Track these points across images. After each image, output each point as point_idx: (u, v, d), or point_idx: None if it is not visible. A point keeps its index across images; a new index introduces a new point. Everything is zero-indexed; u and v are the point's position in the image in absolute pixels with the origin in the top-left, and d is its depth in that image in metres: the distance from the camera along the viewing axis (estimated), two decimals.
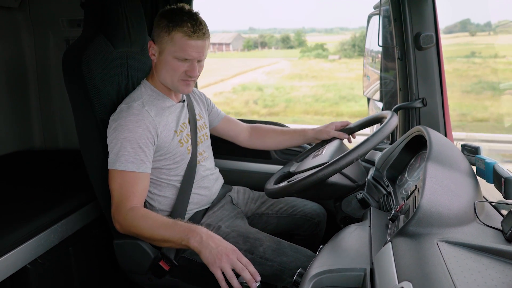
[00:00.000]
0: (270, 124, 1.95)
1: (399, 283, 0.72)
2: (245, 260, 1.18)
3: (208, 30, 1.41)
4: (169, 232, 1.26)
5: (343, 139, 1.68)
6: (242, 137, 1.82)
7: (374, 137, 1.27)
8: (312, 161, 1.46)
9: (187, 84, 1.43)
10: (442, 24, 1.61)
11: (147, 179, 1.39)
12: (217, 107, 1.79)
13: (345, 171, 1.33)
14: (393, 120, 1.35)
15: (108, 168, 1.36)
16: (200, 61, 1.42)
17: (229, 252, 1.18)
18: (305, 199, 1.75)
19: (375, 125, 1.79)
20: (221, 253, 1.17)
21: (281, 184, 1.35)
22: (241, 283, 1.18)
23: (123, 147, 1.33)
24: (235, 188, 1.77)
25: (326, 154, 1.46)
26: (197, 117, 1.60)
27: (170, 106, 1.49)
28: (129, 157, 1.33)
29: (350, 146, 1.59)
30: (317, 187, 1.29)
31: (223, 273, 1.17)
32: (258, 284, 1.15)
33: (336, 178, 1.34)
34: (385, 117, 1.39)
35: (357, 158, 1.23)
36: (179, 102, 1.54)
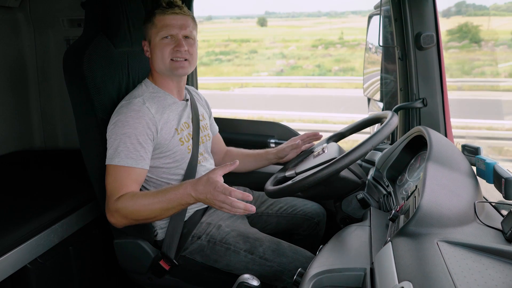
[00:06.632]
0: (272, 124, 1.95)
1: (399, 283, 0.72)
2: (228, 189, 1.17)
3: (188, 10, 1.44)
4: (166, 203, 1.25)
5: (296, 144, 1.69)
6: (216, 158, 1.78)
7: (375, 137, 1.27)
8: (314, 161, 1.46)
9: (180, 64, 1.42)
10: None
11: (143, 175, 1.37)
12: (214, 121, 1.79)
13: (351, 167, 1.35)
14: (393, 120, 1.35)
15: (106, 163, 1.34)
16: (187, 37, 1.42)
17: (214, 195, 1.18)
18: (308, 198, 1.74)
19: (375, 125, 1.79)
20: (211, 201, 1.20)
21: (289, 182, 1.34)
22: (240, 283, 1.17)
23: (122, 142, 1.32)
24: (235, 188, 1.76)
25: (329, 153, 1.45)
26: (200, 118, 1.59)
27: (172, 103, 1.48)
28: (128, 153, 1.32)
29: (343, 146, 1.59)
30: (327, 183, 1.30)
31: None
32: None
33: (346, 173, 1.35)
34: (385, 117, 1.39)
35: (364, 154, 1.25)
36: (183, 100, 1.54)
